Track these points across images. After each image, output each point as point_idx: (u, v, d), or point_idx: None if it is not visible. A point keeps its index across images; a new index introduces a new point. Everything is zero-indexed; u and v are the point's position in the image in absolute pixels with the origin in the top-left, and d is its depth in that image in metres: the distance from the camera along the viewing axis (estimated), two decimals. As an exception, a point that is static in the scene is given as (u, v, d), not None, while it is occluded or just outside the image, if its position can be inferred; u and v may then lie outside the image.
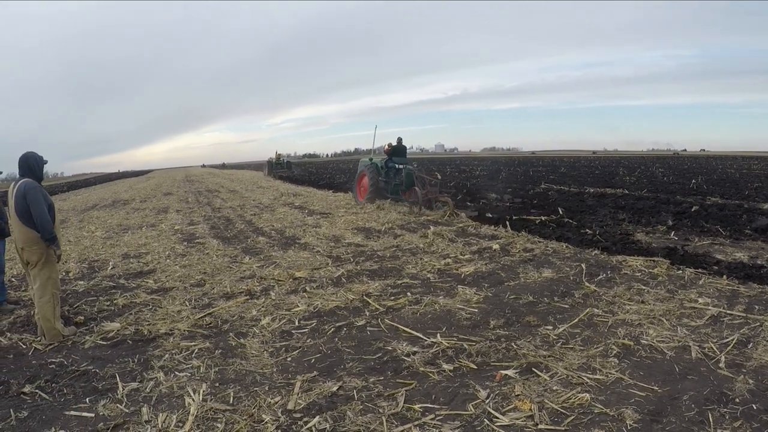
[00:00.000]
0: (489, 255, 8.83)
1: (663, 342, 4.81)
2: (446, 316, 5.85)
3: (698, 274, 7.15)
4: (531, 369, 4.37)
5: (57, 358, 5.05)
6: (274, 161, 44.10)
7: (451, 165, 56.16)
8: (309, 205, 17.39)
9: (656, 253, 8.26)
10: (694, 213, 12.76)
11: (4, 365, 4.99)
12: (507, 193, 19.25)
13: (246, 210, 17.29)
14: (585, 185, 23.43)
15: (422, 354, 4.79)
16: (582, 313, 5.66)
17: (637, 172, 35.04)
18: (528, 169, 43.41)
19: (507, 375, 4.28)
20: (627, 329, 5.16)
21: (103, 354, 5.15)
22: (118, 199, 26.90)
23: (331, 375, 4.48)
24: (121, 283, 7.83)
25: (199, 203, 20.73)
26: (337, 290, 7.06)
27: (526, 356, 4.61)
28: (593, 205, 15.14)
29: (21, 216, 5.32)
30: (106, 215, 18.20)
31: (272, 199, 20.83)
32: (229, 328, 5.74)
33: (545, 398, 3.85)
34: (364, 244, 10.18)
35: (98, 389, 4.40)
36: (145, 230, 13.37)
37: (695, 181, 24.78)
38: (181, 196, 24.89)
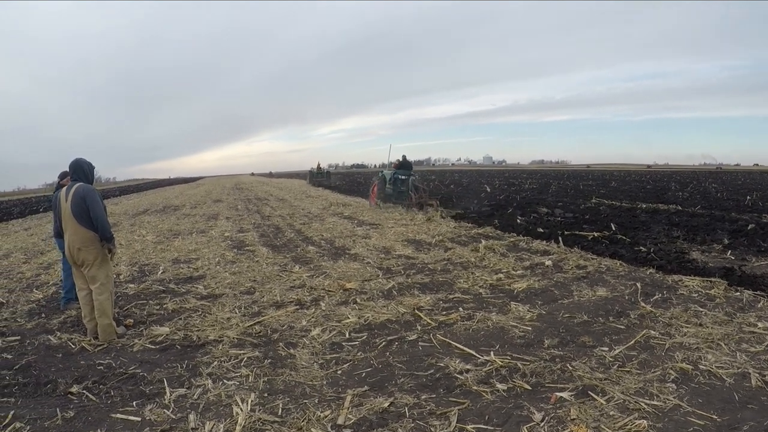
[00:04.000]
0: (541, 271, 8.49)
1: (722, 368, 4.48)
2: (499, 333, 5.59)
3: (757, 296, 6.68)
4: (587, 392, 4.10)
5: (105, 360, 5.03)
6: (315, 171, 48.40)
7: (500, 177, 55.54)
8: (358, 216, 17.26)
9: (713, 274, 7.79)
10: (751, 231, 12.09)
11: (52, 364, 4.98)
12: (558, 207, 18.80)
13: (295, 219, 17.29)
14: (637, 200, 22.56)
15: (475, 372, 4.55)
16: (638, 335, 5.33)
17: (689, 187, 33.85)
18: (578, 182, 42.37)
19: (562, 397, 4.02)
20: (684, 353, 4.83)
21: (151, 358, 5.10)
22: (169, 204, 27.46)
23: (383, 390, 4.28)
24: (171, 288, 7.83)
25: (249, 211, 20.89)
26: (387, 303, 6.85)
27: (582, 378, 4.34)
28: (646, 222, 14.52)
29: (79, 217, 5.41)
30: (157, 220, 18.54)
31: (321, 208, 20.80)
32: (279, 338, 5.62)
33: (601, 423, 3.61)
34: (415, 257, 9.94)
35: (145, 393, 4.33)
36: (195, 236, 13.52)
37: (750, 197, 23.64)
38: (230, 204, 25.17)
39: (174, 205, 26.34)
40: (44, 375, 4.73)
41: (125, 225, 17.35)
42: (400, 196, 18.92)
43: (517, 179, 49.79)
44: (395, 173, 19.24)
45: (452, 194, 26.19)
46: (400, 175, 19.12)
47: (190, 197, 33.88)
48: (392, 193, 19.11)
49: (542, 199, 23.40)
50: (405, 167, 19.69)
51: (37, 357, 5.19)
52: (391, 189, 19.11)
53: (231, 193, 35.98)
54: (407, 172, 19.41)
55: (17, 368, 4.90)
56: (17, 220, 24.51)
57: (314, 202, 24.77)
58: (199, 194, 38.12)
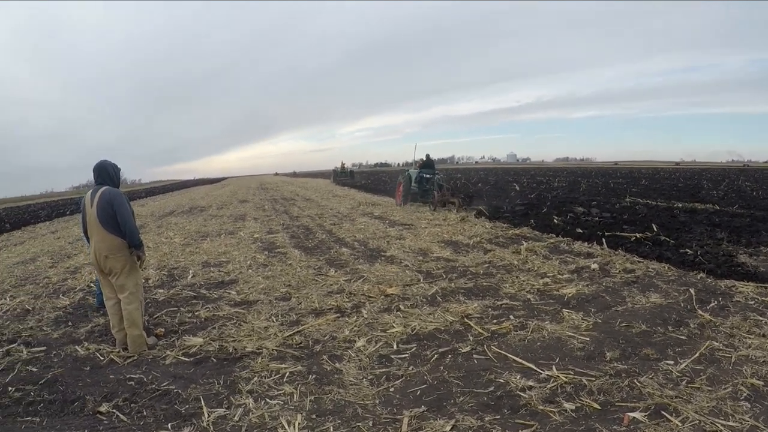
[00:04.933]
0: (588, 275, 8.03)
1: None
2: (557, 344, 5.16)
3: None
4: (659, 412, 3.70)
5: (136, 374, 4.67)
6: (339, 170, 49.53)
7: (526, 175, 54.58)
8: (389, 216, 16.84)
9: (767, 279, 7.34)
10: None
11: (80, 378, 4.64)
12: (593, 206, 18.25)
13: (325, 219, 16.90)
14: (671, 199, 21.88)
15: (539, 390, 4.13)
16: (702, 347, 4.89)
17: (722, 185, 32.89)
18: (608, 180, 41.57)
19: (635, 418, 3.62)
20: (753, 367, 4.40)
21: (185, 372, 4.73)
22: (195, 205, 27.27)
23: (442, 411, 3.86)
24: (203, 294, 7.47)
25: (276, 211, 20.57)
26: (433, 310, 6.43)
27: (652, 396, 3.93)
28: (686, 222, 13.86)
29: (105, 223, 5.04)
30: (184, 221, 18.28)
31: (350, 208, 20.45)
32: (322, 350, 5.21)
33: None
34: (454, 259, 9.51)
35: (181, 414, 3.95)
36: (223, 238, 13.17)
37: None
38: (257, 204, 24.90)
39: (200, 206, 26.16)
40: (71, 391, 4.37)
41: (152, 227, 17.14)
42: (425, 194, 19.39)
43: (545, 177, 48.95)
44: (420, 172, 19.74)
45: (482, 193, 25.70)
46: (424, 173, 19.61)
47: (215, 198, 33.71)
48: (418, 192, 19.66)
49: (574, 198, 22.81)
50: (428, 166, 20.17)
51: (64, 370, 4.84)
52: (417, 187, 19.63)
53: (256, 193, 35.76)
54: (432, 171, 19.90)
55: (43, 383, 4.56)
56: (44, 223, 24.52)
57: (342, 201, 24.46)
58: (224, 195, 37.96)
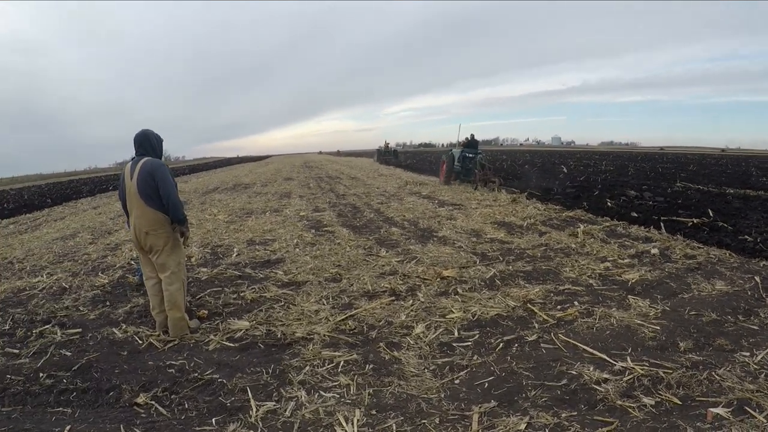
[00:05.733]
0: (649, 260, 7.60)
1: None
2: (627, 333, 4.83)
3: None
4: (743, 407, 3.44)
5: (177, 360, 4.32)
6: (383, 149, 48.34)
7: (572, 158, 53.49)
8: (437, 195, 16.29)
9: None
10: None
11: (116, 364, 4.29)
12: (644, 190, 17.66)
13: (372, 198, 16.46)
14: (722, 185, 21.00)
15: (615, 383, 3.82)
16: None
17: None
18: (655, 165, 40.58)
19: (719, 414, 3.36)
20: None
21: (230, 359, 4.36)
22: (239, 182, 27.09)
23: (513, 406, 3.55)
24: (248, 273, 7.11)
25: (322, 189, 20.21)
26: (493, 294, 6.01)
27: (733, 390, 3.66)
28: (741, 208, 13.38)
29: (146, 197, 4.65)
30: (228, 198, 18.05)
31: (397, 187, 19.94)
32: (378, 336, 4.82)
33: None
34: (509, 241, 9.03)
35: (226, 407, 3.59)
36: (269, 215, 12.81)
37: None
38: (302, 182, 24.56)
39: (244, 183, 25.97)
40: (107, 379, 4.04)
41: (195, 203, 16.97)
42: (468, 173, 19.68)
43: (591, 160, 48.01)
44: (463, 152, 20.10)
45: (530, 174, 25.26)
46: (468, 153, 19.95)
47: (260, 175, 33.50)
48: (460, 171, 19.98)
49: (624, 181, 22.20)
50: (472, 146, 20.52)
51: (100, 355, 4.52)
52: (459, 167, 19.96)
53: (301, 171, 35.44)
54: (475, 150, 20.24)
55: (77, 369, 4.23)
56: (86, 199, 24.72)
57: (388, 180, 24.03)
58: (268, 172, 37.74)
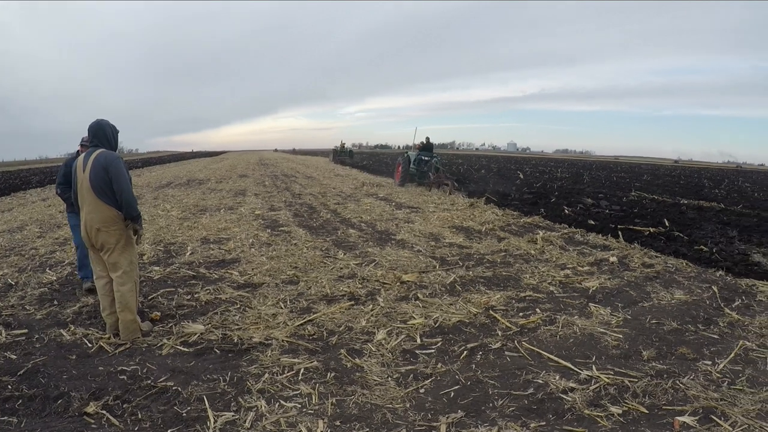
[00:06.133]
0: (608, 268, 7.80)
1: None
2: (590, 341, 4.90)
3: None
4: (708, 416, 3.57)
5: (129, 366, 4.10)
6: (339, 150, 49.03)
7: (528, 165, 54.48)
8: (394, 198, 16.29)
9: None
10: None
11: (64, 369, 4.06)
12: (601, 199, 18.22)
13: (328, 198, 16.32)
14: (676, 195, 22.03)
15: (582, 392, 3.88)
16: (736, 347, 4.80)
17: (723, 185, 32.95)
18: (609, 174, 41.86)
19: (685, 423, 3.46)
20: None
21: (185, 365, 4.17)
22: (193, 178, 26.49)
23: (481, 416, 3.53)
24: (202, 273, 6.89)
25: (277, 188, 19.93)
26: (454, 300, 6.01)
27: (698, 399, 3.79)
28: (696, 219, 13.97)
29: (99, 191, 4.41)
30: (182, 194, 17.60)
31: (353, 188, 19.91)
32: (338, 342, 4.72)
33: None
34: (468, 246, 9.08)
35: (182, 417, 3.42)
36: (223, 213, 12.52)
37: None
38: (257, 179, 24.18)
39: (198, 179, 25.40)
40: (54, 385, 3.80)
41: (148, 198, 16.47)
42: (422, 176, 20.23)
43: (546, 167, 49.17)
44: (419, 154, 20.67)
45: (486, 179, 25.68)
46: (423, 156, 20.51)
47: (214, 171, 32.80)
48: (415, 173, 20.51)
49: (580, 189, 22.85)
50: (427, 149, 21.16)
51: (47, 359, 4.26)
52: (415, 169, 20.47)
53: (256, 169, 34.89)
54: (430, 154, 20.87)
55: (22, 374, 3.98)
56: (35, 190, 23.74)
57: (344, 181, 23.96)
58: (223, 168, 37.03)
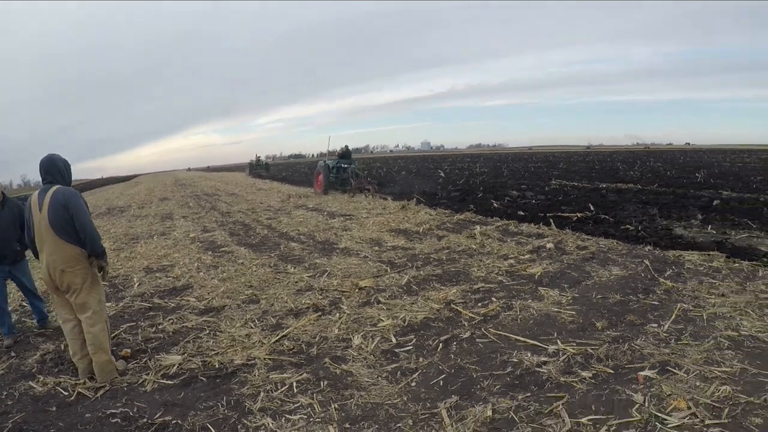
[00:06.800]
0: (547, 254, 8.32)
1: (761, 332, 4.70)
2: (548, 320, 5.37)
3: (754, 266, 6.98)
4: (665, 368, 4.10)
5: (117, 408, 3.97)
6: (255, 163, 50.08)
7: (445, 162, 55.44)
8: (325, 207, 16.30)
9: (707, 248, 8.15)
10: (718, 207, 12.84)
11: (49, 422, 3.85)
12: (524, 190, 19.17)
13: (259, 214, 16.10)
14: (594, 180, 23.24)
15: (553, 363, 4.32)
16: (675, 310, 5.38)
17: (636, 166, 34.83)
18: (526, 165, 43.30)
19: (647, 376, 3.97)
20: (724, 322, 5.00)
21: (175, 398, 4.10)
22: (113, 206, 25.35)
23: (473, 397, 3.86)
24: (158, 303, 6.73)
25: (203, 208, 19.44)
26: (414, 299, 6.27)
27: (653, 355, 4.33)
28: (617, 201, 14.94)
29: (60, 230, 4.24)
30: (107, 224, 16.83)
31: (280, 201, 19.74)
32: (320, 353, 4.84)
33: (694, 394, 3.69)
34: (411, 247, 9.35)
35: None
36: (157, 239, 12.11)
37: (699, 175, 24.64)
38: (180, 201, 23.45)
39: (119, 206, 24.28)
40: (45, 441, 3.58)
41: (71, 233, 15.78)
42: (343, 183, 20.85)
43: (464, 163, 50.34)
44: (338, 162, 21.43)
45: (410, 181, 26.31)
46: (342, 163, 21.27)
47: (132, 196, 31.45)
48: (335, 181, 21.11)
49: (503, 182, 23.73)
50: (346, 157, 21.90)
51: (26, 414, 3.99)
52: (335, 177, 21.12)
53: (175, 190, 33.69)
54: (348, 161, 21.63)
55: (5, 435, 3.77)
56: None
57: (269, 194, 23.73)
58: (141, 193, 35.60)
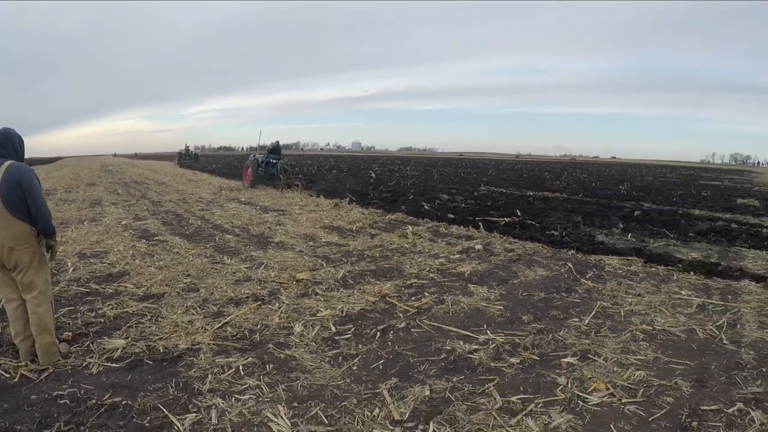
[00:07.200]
0: (476, 255, 8.87)
1: (672, 327, 5.41)
2: (478, 314, 5.85)
3: (669, 271, 7.87)
4: (586, 355, 4.65)
5: (64, 390, 3.89)
6: (184, 153, 50.36)
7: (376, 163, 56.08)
8: (258, 201, 16.31)
9: (626, 253, 8.93)
10: (639, 217, 13.94)
11: (-7, 406, 3.77)
12: (452, 194, 19.80)
13: (191, 205, 15.91)
14: (522, 188, 24.31)
15: (484, 351, 4.77)
16: (595, 307, 6.02)
17: (563, 177, 36.42)
18: (456, 170, 44.46)
19: (570, 362, 4.49)
20: (639, 318, 5.69)
21: (123, 380, 4.11)
22: (38, 187, 24.42)
23: (411, 380, 4.22)
24: (95, 289, 6.64)
25: (133, 196, 18.88)
26: (350, 292, 6.61)
27: (575, 345, 4.88)
28: (543, 208, 15.78)
29: (11, 206, 4.20)
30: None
31: (212, 193, 19.53)
32: (263, 339, 5.03)
33: (612, 378, 4.21)
34: (345, 244, 9.72)
35: (146, 427, 3.43)
36: (88, 225, 11.70)
37: (623, 187, 26.35)
38: (108, 188, 22.66)
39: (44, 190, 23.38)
40: (-10, 425, 3.56)
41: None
42: (271, 177, 21.36)
43: (394, 165, 51.18)
44: (267, 157, 21.91)
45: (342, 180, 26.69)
46: (271, 159, 21.78)
47: (58, 180, 29.99)
48: (264, 175, 21.54)
49: (433, 185, 24.44)
50: (276, 152, 22.47)
51: None
52: (263, 171, 21.55)
53: (102, 176, 32.28)
54: (278, 156, 22.16)
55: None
56: None
57: (199, 186, 23.52)
58: (67, 176, 33.88)
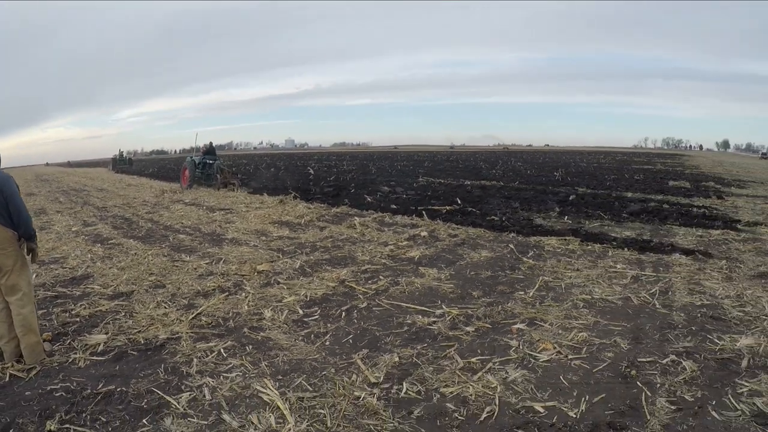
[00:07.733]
0: (422, 241, 9.39)
1: (610, 296, 6.04)
2: (431, 292, 6.36)
3: (604, 248, 8.55)
4: (533, 322, 5.24)
5: (57, 384, 4.08)
6: (118, 158, 52.03)
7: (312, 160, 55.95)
8: (202, 202, 16.34)
9: (565, 234, 9.58)
10: (574, 201, 14.73)
11: (-11, 405, 3.86)
12: (393, 186, 20.39)
13: (137, 208, 15.82)
14: (459, 178, 25.04)
15: (441, 322, 5.28)
16: (538, 281, 6.62)
17: (498, 166, 37.41)
18: (393, 163, 44.95)
19: (520, 328, 5.07)
20: (579, 289, 6.31)
21: (112, 371, 4.36)
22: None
23: (380, 350, 4.68)
24: (63, 292, 6.79)
25: (76, 203, 18.47)
26: (310, 280, 6.99)
27: (523, 314, 5.47)
28: (482, 196, 16.45)
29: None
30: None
31: (155, 196, 19.34)
32: (237, 325, 5.38)
33: (558, 339, 4.77)
34: (296, 237, 10.07)
35: (145, 408, 3.69)
36: (38, 234, 11.59)
37: (558, 173, 27.53)
38: (48, 196, 21.90)
39: None
40: (-7, 421, 3.67)
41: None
42: (208, 178, 21.81)
43: (330, 161, 51.31)
44: (203, 158, 22.30)
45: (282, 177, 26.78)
46: (207, 159, 22.17)
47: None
48: (201, 176, 21.96)
49: (373, 179, 24.88)
50: (211, 153, 22.92)
51: None
52: (200, 172, 21.99)
53: (40, 186, 30.90)
54: (213, 157, 22.62)
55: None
56: None
57: (141, 190, 23.21)
58: (2, 187, 32.58)
